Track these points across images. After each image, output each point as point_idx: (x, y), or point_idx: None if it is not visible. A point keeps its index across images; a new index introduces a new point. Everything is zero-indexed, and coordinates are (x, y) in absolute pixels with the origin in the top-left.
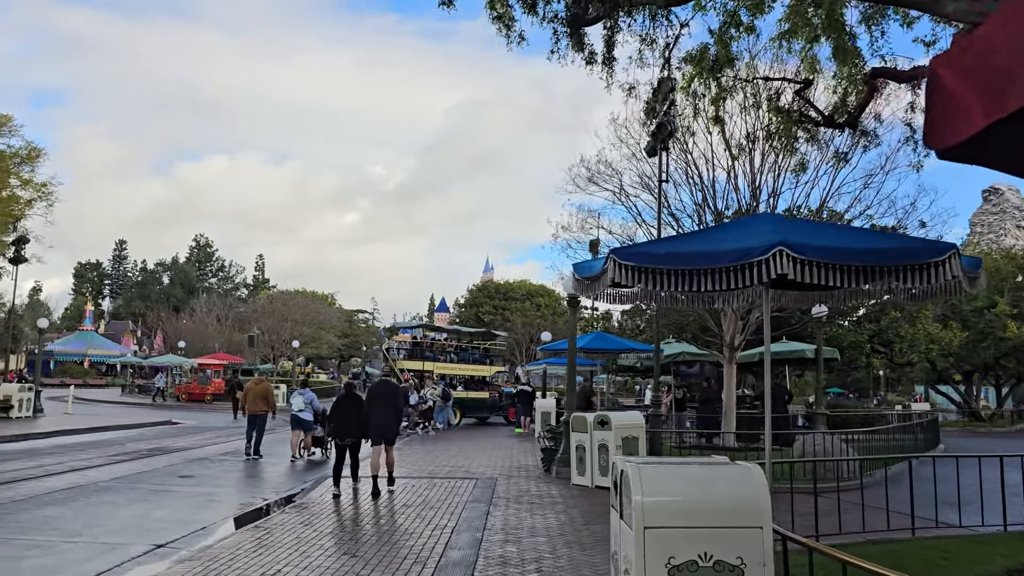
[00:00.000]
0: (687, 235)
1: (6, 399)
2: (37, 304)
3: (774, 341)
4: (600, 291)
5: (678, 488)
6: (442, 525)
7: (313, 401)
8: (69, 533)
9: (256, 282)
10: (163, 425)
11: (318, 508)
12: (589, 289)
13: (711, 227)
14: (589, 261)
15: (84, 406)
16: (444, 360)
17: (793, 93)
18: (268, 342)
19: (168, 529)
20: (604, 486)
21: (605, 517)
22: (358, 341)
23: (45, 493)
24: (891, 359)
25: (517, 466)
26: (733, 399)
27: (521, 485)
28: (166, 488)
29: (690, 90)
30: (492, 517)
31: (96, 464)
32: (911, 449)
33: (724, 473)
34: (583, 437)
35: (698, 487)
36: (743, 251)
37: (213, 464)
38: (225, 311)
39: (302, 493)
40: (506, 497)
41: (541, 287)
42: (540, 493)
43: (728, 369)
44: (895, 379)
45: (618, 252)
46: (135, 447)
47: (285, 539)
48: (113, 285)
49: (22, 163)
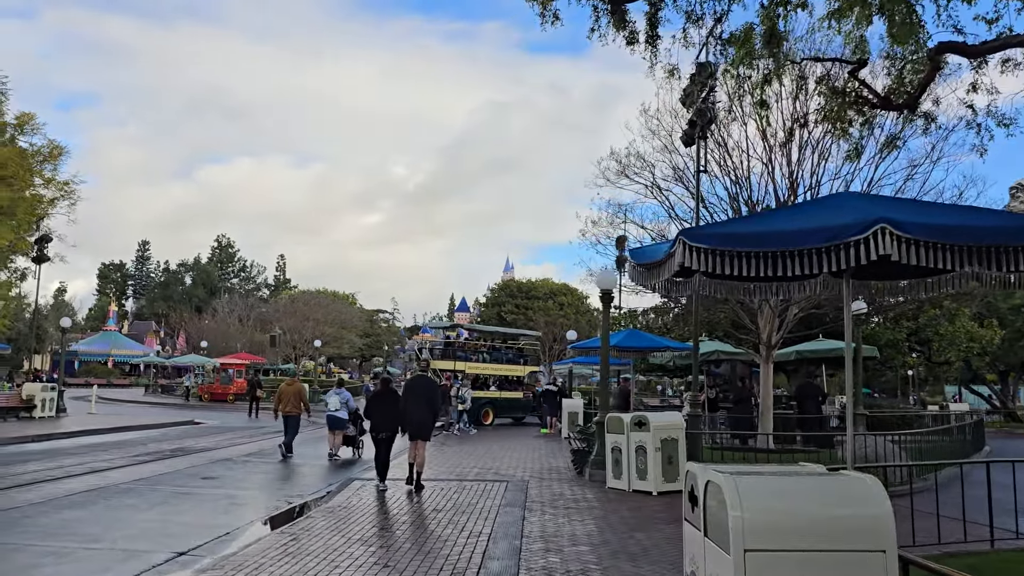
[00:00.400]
0: (763, 214)
1: (29, 399)
2: (62, 305)
3: (808, 339)
4: (663, 279)
5: (783, 504)
6: (476, 532)
7: (348, 401)
8: (87, 539)
9: (277, 282)
10: (185, 425)
11: (345, 512)
12: (649, 277)
13: (788, 207)
14: (651, 246)
15: (107, 406)
16: (476, 360)
17: (847, 74)
18: (290, 342)
19: (190, 534)
20: (642, 490)
21: (648, 524)
22: (379, 341)
23: (64, 496)
24: (928, 358)
25: (547, 468)
26: (770, 399)
27: (554, 488)
28: (188, 490)
29: (735, 72)
30: (529, 523)
31: (117, 465)
32: (959, 452)
33: (835, 487)
34: (619, 438)
35: (806, 503)
36: (837, 229)
37: (236, 465)
38: (247, 311)
39: (328, 496)
40: (540, 501)
41: (563, 286)
42: (575, 497)
43: (764, 368)
44: (923, 379)
45: (689, 233)
46: (157, 448)
47: (312, 546)
48: (136, 286)
49: (44, 161)
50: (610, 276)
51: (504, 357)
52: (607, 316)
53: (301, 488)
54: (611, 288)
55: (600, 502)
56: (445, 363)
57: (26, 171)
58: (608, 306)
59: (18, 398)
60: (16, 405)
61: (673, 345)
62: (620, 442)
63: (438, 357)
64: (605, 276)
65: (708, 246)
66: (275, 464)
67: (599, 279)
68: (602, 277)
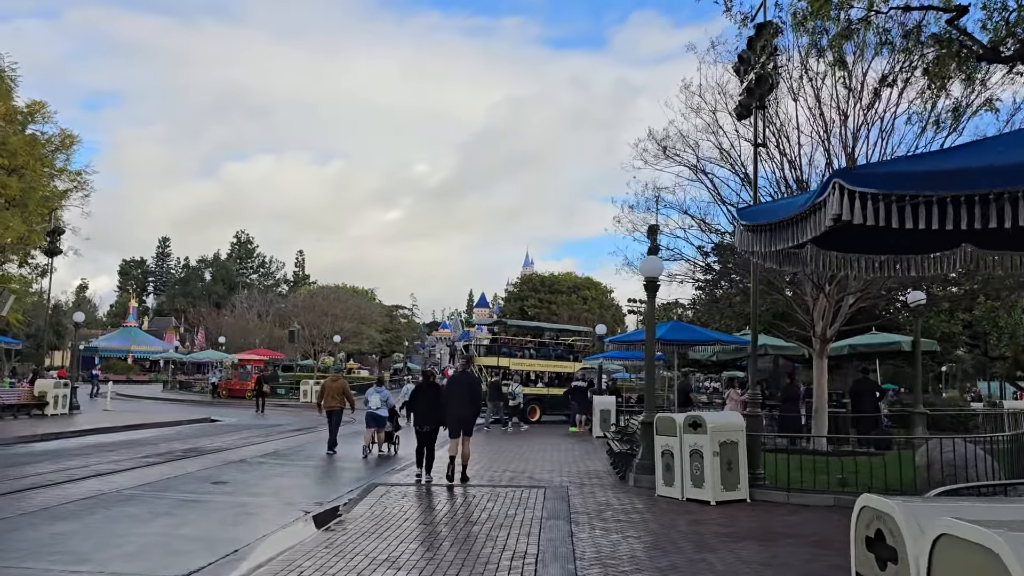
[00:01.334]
0: (947, 150)
1: (41, 396)
2: (84, 301)
3: (861, 333)
4: (804, 239)
5: None
6: (521, 552)
7: (388, 399)
8: (75, 558)
9: (296, 278)
10: (202, 423)
11: (369, 525)
12: (774, 240)
13: (990, 138)
14: (771, 203)
15: (124, 402)
16: (522, 356)
17: (946, 23)
18: (308, 337)
19: (193, 552)
20: (698, 499)
21: (717, 542)
22: (399, 336)
23: (60, 504)
24: (984, 352)
25: (585, 471)
26: (824, 397)
27: (598, 496)
28: (196, 497)
29: (808, 26)
30: (579, 540)
31: (124, 468)
32: None
33: None
34: (670, 441)
35: None
36: None
37: (251, 468)
38: (265, 307)
39: (349, 505)
40: (586, 512)
41: (587, 280)
42: (624, 507)
43: (818, 364)
44: (967, 374)
45: (848, 175)
46: (169, 447)
47: (334, 569)
48: (157, 282)
49: (56, 151)
50: (655, 263)
51: (553, 353)
52: (652, 307)
53: (318, 495)
54: (656, 276)
55: (653, 514)
56: (489, 359)
57: (37, 161)
58: (653, 296)
59: (30, 395)
60: (28, 402)
61: (723, 338)
62: (671, 445)
63: (483, 354)
64: (650, 263)
65: (879, 190)
66: (292, 465)
67: (643, 266)
68: (647, 264)
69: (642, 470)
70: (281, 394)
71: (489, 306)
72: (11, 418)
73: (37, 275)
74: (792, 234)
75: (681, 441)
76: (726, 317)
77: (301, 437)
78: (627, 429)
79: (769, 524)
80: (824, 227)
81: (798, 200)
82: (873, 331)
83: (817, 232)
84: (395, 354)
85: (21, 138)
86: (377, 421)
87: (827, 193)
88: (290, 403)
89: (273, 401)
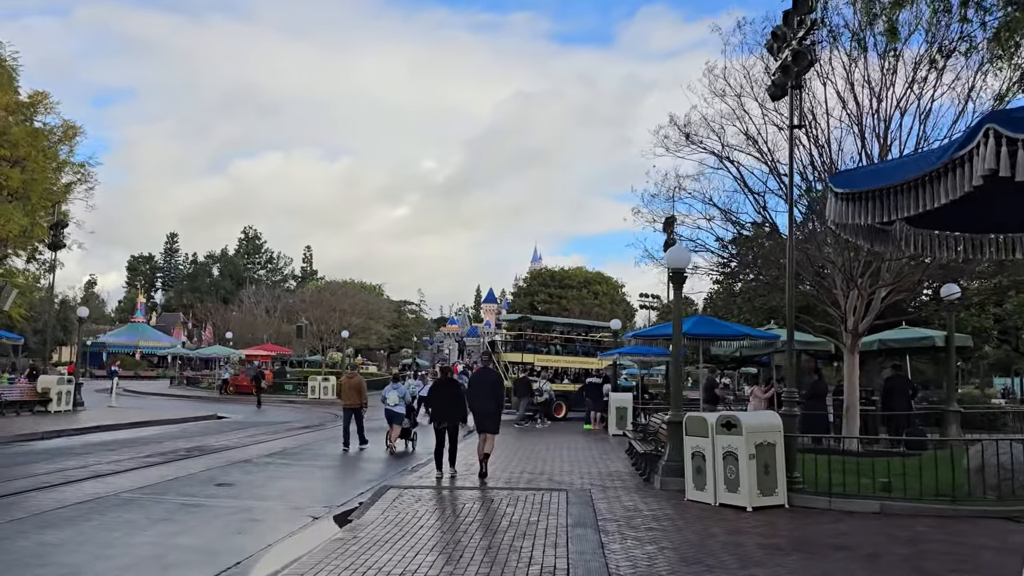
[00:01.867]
0: None
1: (44, 392)
2: (92, 297)
3: (890, 327)
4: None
5: None
6: (549, 567)
7: (405, 395)
8: (60, 572)
9: (304, 273)
10: (208, 420)
11: (382, 532)
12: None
13: None
14: (874, 165)
15: (130, 399)
16: (547, 352)
17: None
18: (316, 333)
19: (190, 564)
20: (733, 504)
21: (762, 554)
22: (408, 332)
23: (53, 509)
24: (1016, 347)
25: (606, 473)
26: (856, 394)
27: (624, 500)
28: (198, 501)
29: None
30: (611, 553)
31: (124, 468)
32: None
33: None
34: (701, 442)
35: None
36: None
37: (256, 468)
38: (273, 302)
39: (360, 509)
40: (614, 519)
41: (597, 274)
42: (654, 514)
43: (850, 359)
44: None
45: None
46: (173, 446)
47: None
48: (165, 278)
49: (59, 142)
50: (683, 253)
51: (580, 349)
52: (679, 299)
53: (327, 497)
54: (683, 267)
55: (686, 520)
56: (514, 355)
57: (39, 152)
58: (680, 288)
59: (33, 391)
60: (31, 399)
61: (753, 332)
62: (703, 446)
63: (508, 350)
64: (677, 253)
65: None
66: (299, 465)
67: (670, 256)
68: (673, 254)
69: (669, 472)
70: (288, 390)
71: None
72: (13, 415)
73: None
74: (914, 200)
75: (713, 442)
76: (744, 312)
77: (309, 435)
78: (648, 428)
79: (815, 534)
80: (967, 188)
81: (928, 156)
82: (903, 326)
83: (955, 195)
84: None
85: (23, 128)
86: (394, 417)
87: (975, 143)
88: (298, 399)
89: (281, 397)
